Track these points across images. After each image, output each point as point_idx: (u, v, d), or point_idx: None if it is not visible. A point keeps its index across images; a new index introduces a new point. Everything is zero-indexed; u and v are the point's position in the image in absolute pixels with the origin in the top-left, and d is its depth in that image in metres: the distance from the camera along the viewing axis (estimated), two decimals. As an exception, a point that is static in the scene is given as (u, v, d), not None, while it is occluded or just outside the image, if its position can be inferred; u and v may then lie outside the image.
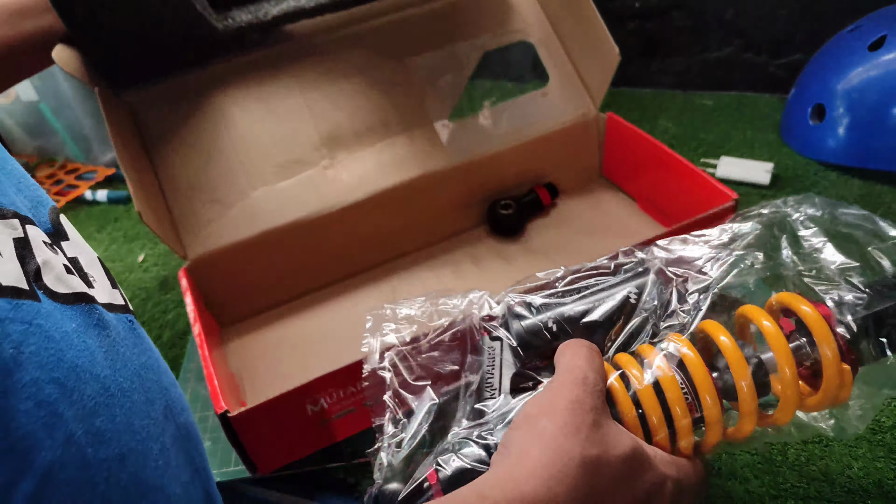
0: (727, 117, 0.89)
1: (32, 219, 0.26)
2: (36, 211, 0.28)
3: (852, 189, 0.71)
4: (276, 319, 0.61)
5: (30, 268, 0.24)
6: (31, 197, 0.28)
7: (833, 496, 0.42)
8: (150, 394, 0.28)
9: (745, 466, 0.44)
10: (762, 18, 0.91)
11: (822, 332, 0.33)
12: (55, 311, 0.24)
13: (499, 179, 0.67)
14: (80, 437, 0.22)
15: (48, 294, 0.24)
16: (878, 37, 0.71)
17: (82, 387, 0.23)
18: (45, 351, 0.22)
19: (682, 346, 0.34)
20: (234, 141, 0.58)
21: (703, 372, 0.33)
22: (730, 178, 0.75)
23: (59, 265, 0.26)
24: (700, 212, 0.56)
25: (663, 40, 0.98)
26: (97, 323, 0.26)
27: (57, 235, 0.28)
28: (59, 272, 0.25)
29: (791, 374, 0.33)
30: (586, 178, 0.73)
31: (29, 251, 0.24)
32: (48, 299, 0.24)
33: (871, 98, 0.70)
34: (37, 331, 0.22)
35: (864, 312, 0.34)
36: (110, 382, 0.25)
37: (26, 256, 0.24)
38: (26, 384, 0.21)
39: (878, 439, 0.45)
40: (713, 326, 0.35)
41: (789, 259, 0.39)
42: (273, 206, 0.57)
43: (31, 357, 0.21)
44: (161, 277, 0.68)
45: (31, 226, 0.26)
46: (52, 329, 0.23)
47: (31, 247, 0.25)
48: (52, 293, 0.24)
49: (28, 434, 0.20)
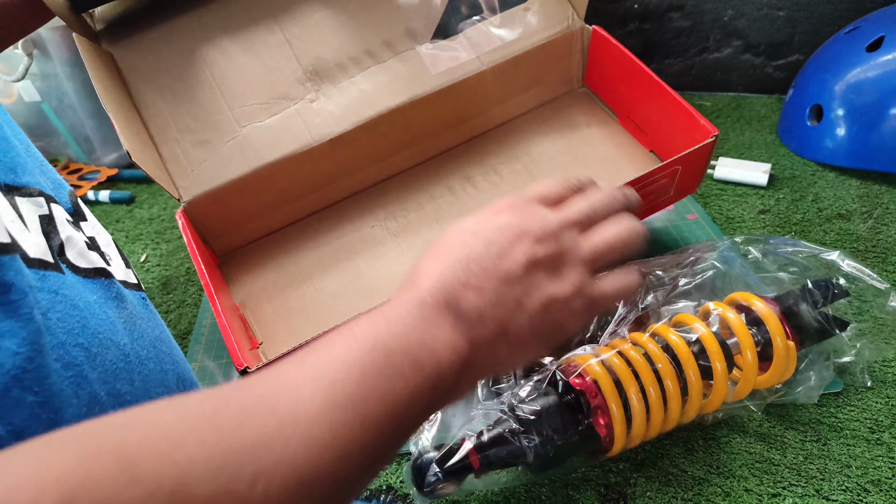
0: (725, 118, 0.90)
1: (55, 198, 0.28)
2: (58, 192, 0.29)
3: (850, 189, 0.72)
4: (273, 247, 0.62)
5: (54, 242, 0.25)
6: (53, 179, 0.30)
7: (831, 495, 0.42)
8: (164, 364, 0.30)
9: (743, 466, 0.45)
10: (760, 20, 0.91)
11: (772, 321, 0.44)
12: (78, 283, 0.25)
13: (484, 97, 0.67)
14: (103, 397, 0.24)
15: (71, 268, 0.25)
16: (876, 38, 0.71)
17: (104, 352, 0.25)
18: (71, 318, 0.24)
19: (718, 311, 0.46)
20: (218, 82, 0.59)
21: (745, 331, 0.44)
22: (728, 179, 0.76)
23: (81, 241, 0.27)
24: (678, 140, 0.57)
25: (662, 42, 0.98)
26: (116, 296, 0.28)
27: (76, 216, 0.30)
28: (80, 248, 0.27)
29: (753, 355, 0.44)
30: (568, 88, 0.72)
31: (53, 227, 0.26)
32: (71, 272, 0.25)
33: (869, 99, 0.71)
34: (63, 300, 0.23)
35: (802, 304, 0.46)
36: (129, 350, 0.26)
37: (51, 232, 0.25)
38: (54, 347, 0.22)
39: (876, 438, 0.46)
40: (691, 318, 0.45)
41: (740, 266, 0.51)
42: (263, 142, 0.58)
43: (59, 323, 0.23)
44: (163, 278, 0.69)
45: (55, 204, 0.27)
46: (77, 298, 0.24)
47: (56, 223, 0.26)
48: (75, 267, 0.26)
49: (59, 391, 0.22)
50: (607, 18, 1.00)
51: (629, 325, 0.46)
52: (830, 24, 0.88)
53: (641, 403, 0.41)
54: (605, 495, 0.44)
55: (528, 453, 0.40)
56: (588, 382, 0.41)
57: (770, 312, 0.44)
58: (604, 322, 0.47)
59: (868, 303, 0.55)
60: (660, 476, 0.44)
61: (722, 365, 0.43)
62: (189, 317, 0.63)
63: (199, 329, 0.61)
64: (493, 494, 0.44)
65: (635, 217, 0.34)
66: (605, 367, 0.42)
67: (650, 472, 0.45)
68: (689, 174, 0.57)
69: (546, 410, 0.41)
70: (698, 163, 0.56)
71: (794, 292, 0.47)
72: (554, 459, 0.41)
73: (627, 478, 0.45)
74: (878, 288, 0.48)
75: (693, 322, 0.44)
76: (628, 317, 0.46)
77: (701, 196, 0.74)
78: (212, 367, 0.57)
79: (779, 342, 0.43)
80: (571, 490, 0.44)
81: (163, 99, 0.58)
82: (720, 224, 0.69)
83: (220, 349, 0.59)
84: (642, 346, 0.44)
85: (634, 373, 0.42)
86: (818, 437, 0.46)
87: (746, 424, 0.47)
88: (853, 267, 0.49)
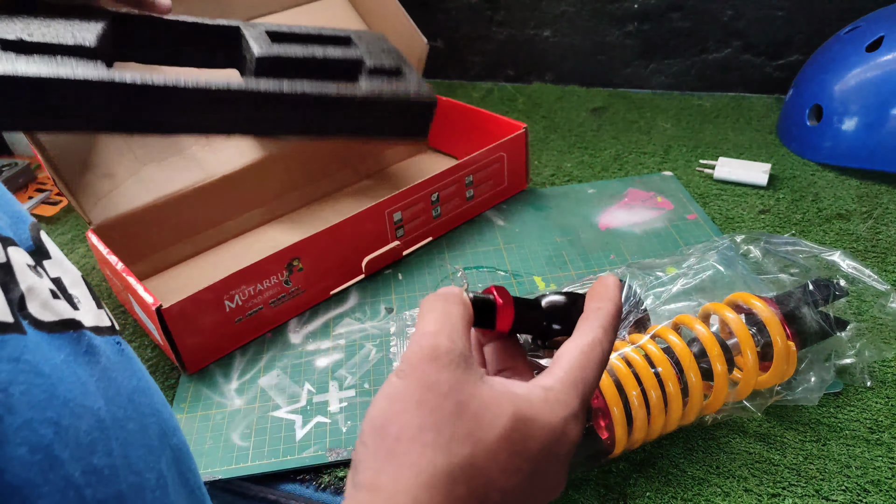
0: (725, 118, 0.90)
1: (13, 238, 0.25)
2: (17, 228, 0.26)
3: (850, 189, 0.72)
4: (182, 267, 0.70)
5: (14, 296, 0.22)
6: (11, 213, 0.26)
7: (831, 495, 0.42)
8: (145, 419, 0.27)
9: (743, 466, 0.45)
10: (760, 20, 0.91)
11: (773, 322, 0.44)
12: (42, 343, 0.22)
13: (333, 148, 0.79)
14: (78, 478, 0.21)
15: (34, 324, 0.22)
16: (876, 38, 0.71)
17: (77, 423, 0.22)
18: (36, 388, 0.21)
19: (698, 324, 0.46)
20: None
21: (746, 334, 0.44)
22: (728, 179, 0.76)
23: (45, 290, 0.24)
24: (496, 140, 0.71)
25: (661, 42, 0.98)
26: (86, 350, 0.24)
27: (39, 254, 0.27)
28: (44, 298, 0.24)
29: (753, 356, 0.44)
30: (416, 149, 0.87)
31: (12, 277, 0.23)
32: (34, 329, 0.22)
33: (869, 99, 0.71)
34: (25, 367, 0.21)
35: (802, 305, 0.46)
36: (104, 414, 0.24)
37: (9, 283, 0.22)
38: (19, 428, 0.19)
39: (876, 438, 0.46)
40: (691, 319, 0.45)
41: (741, 267, 0.51)
42: (162, 178, 0.67)
43: (22, 398, 0.20)
44: (162, 278, 0.69)
45: (14, 247, 0.24)
46: (41, 363, 0.21)
47: (14, 272, 0.23)
48: (38, 322, 0.23)
49: (25, 482, 0.19)
50: (607, 18, 1.00)
51: (629, 326, 0.46)
52: (830, 24, 0.88)
53: (643, 406, 0.41)
54: (605, 495, 0.44)
55: None
56: None
57: (770, 313, 0.44)
58: None
59: (868, 303, 0.55)
60: (660, 476, 0.45)
61: (722, 366, 0.43)
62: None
63: (199, 329, 0.61)
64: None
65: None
66: (605, 370, 0.42)
67: (650, 473, 0.45)
68: (516, 164, 0.73)
69: None
70: (518, 152, 0.72)
71: (794, 293, 0.47)
72: None
73: (627, 478, 0.45)
74: (878, 288, 0.48)
75: (693, 323, 0.44)
76: (628, 318, 0.46)
77: (700, 196, 0.74)
78: (211, 367, 0.57)
79: (779, 343, 0.43)
80: (571, 490, 0.44)
81: (66, 140, 0.64)
82: (720, 224, 0.69)
83: (220, 349, 0.59)
84: (642, 347, 0.44)
85: (635, 375, 0.42)
86: (818, 437, 0.46)
87: (746, 425, 0.47)
88: (853, 267, 0.49)
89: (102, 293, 0.67)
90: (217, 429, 0.51)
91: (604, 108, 0.96)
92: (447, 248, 0.69)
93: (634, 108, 0.95)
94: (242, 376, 0.56)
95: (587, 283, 0.51)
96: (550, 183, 0.79)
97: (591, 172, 0.80)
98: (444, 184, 0.66)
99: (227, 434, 0.50)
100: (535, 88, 1.05)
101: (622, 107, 0.96)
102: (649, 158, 0.82)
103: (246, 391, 0.54)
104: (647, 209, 0.72)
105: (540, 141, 0.89)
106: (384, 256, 0.65)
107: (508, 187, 0.74)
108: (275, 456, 0.48)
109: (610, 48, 1.02)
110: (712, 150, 0.82)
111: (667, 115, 0.92)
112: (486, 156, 0.69)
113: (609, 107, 0.97)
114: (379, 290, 0.64)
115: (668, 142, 0.85)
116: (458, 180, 0.68)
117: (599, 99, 0.99)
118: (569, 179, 0.80)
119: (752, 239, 0.53)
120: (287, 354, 0.57)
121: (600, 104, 0.98)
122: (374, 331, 0.59)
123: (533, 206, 0.74)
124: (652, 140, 0.86)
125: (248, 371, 0.56)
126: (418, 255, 0.68)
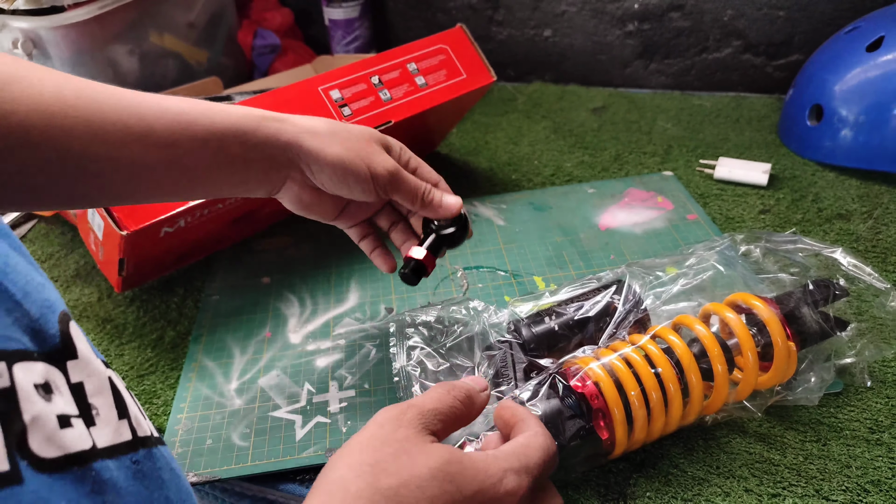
0: (725, 118, 0.90)
1: (31, 344, 0.23)
2: (44, 320, 0.24)
3: (850, 189, 0.72)
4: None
5: (14, 430, 0.20)
6: (40, 302, 0.24)
7: (831, 495, 0.42)
8: None
9: (743, 466, 0.45)
10: (760, 20, 0.91)
11: (773, 322, 0.44)
12: (41, 489, 0.20)
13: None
14: None
15: (34, 464, 0.20)
16: (876, 38, 0.71)
17: None
18: None
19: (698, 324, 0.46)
20: None
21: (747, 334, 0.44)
22: (728, 179, 0.76)
23: (52, 419, 0.22)
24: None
25: (662, 41, 0.98)
26: (92, 489, 0.22)
27: (64, 352, 0.24)
28: (50, 430, 0.22)
29: (753, 356, 0.44)
30: None
31: (15, 406, 0.21)
32: (33, 472, 0.20)
33: (870, 98, 0.71)
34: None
35: (802, 305, 0.46)
36: None
37: (9, 415, 0.20)
38: None
39: (876, 438, 0.46)
40: (691, 319, 0.45)
41: (741, 267, 0.51)
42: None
43: None
44: (166, 277, 0.69)
45: (23, 363, 0.22)
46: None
47: (18, 399, 0.21)
48: (39, 461, 0.21)
49: None
50: (607, 18, 1.00)
51: (629, 326, 0.46)
52: (830, 24, 0.88)
53: (643, 406, 0.41)
54: (605, 495, 0.44)
55: None
56: (589, 386, 0.41)
57: (771, 313, 0.44)
58: (603, 324, 0.47)
59: (868, 303, 0.55)
60: (660, 476, 0.44)
61: (723, 367, 0.43)
62: (189, 317, 0.63)
63: (199, 329, 0.61)
64: (493, 495, 0.44)
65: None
66: (606, 370, 0.42)
67: (650, 473, 0.45)
68: (467, 56, 0.72)
69: (547, 414, 0.41)
70: (463, 45, 0.72)
71: (794, 293, 0.47)
72: None
73: (627, 478, 0.45)
74: (878, 288, 0.48)
75: (693, 323, 0.44)
76: (628, 318, 0.46)
77: (701, 196, 0.74)
78: (211, 367, 0.57)
79: (779, 343, 0.43)
80: (571, 490, 0.44)
81: None
82: (720, 224, 0.69)
83: (220, 349, 0.59)
84: (643, 348, 0.44)
85: (635, 375, 0.42)
86: (818, 437, 0.46)
87: (746, 425, 0.47)
88: (853, 265, 0.49)
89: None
90: (217, 429, 0.51)
91: (604, 108, 0.96)
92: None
93: (634, 108, 0.95)
94: (242, 376, 0.56)
95: (587, 283, 0.51)
96: (550, 183, 0.79)
97: (591, 172, 0.80)
98: (382, 68, 0.67)
99: (226, 434, 0.50)
100: (535, 88, 1.05)
101: (622, 107, 0.96)
102: (649, 158, 0.82)
103: (246, 391, 0.54)
104: (648, 209, 0.72)
105: (540, 141, 0.89)
106: None
107: (470, 79, 0.73)
108: (274, 456, 0.48)
109: (610, 48, 1.02)
110: (712, 150, 0.82)
111: (667, 115, 0.92)
112: (420, 46, 0.70)
113: (609, 107, 0.97)
114: (379, 290, 0.64)
115: (668, 142, 0.85)
116: (399, 66, 0.68)
117: (599, 99, 0.99)
118: (569, 179, 0.80)
119: (752, 238, 0.53)
120: (287, 354, 0.57)
121: (600, 104, 0.98)
122: (374, 331, 0.59)
123: (533, 206, 0.74)
124: (652, 140, 0.86)
125: (248, 371, 0.56)
126: (418, 255, 0.68)
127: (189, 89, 0.88)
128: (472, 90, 0.72)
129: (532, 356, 0.46)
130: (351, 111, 0.65)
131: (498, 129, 0.93)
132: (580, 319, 0.47)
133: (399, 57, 0.68)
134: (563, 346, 0.47)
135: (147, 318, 0.63)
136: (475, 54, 0.73)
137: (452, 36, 0.72)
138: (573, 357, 0.45)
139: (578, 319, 0.47)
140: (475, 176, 0.82)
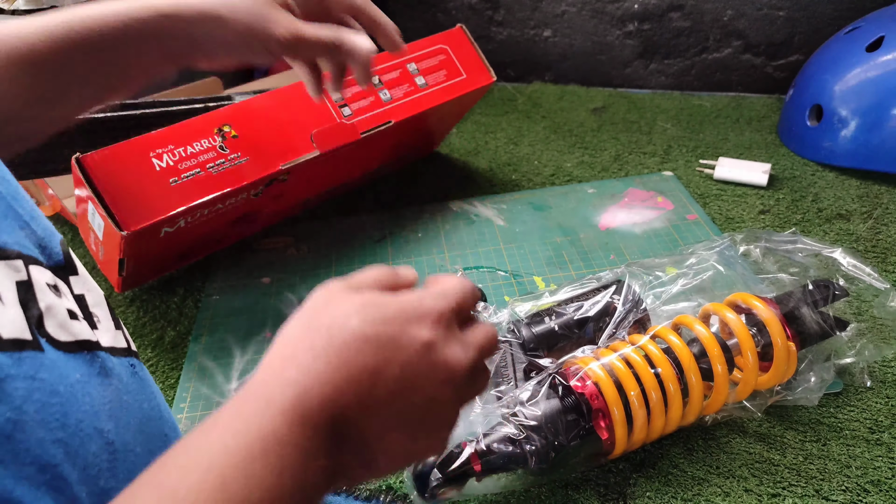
0: (725, 118, 0.90)
1: (39, 256, 0.25)
2: (49, 242, 0.27)
3: (850, 189, 0.72)
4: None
5: (33, 314, 0.23)
6: (44, 228, 0.27)
7: (831, 495, 0.42)
8: (152, 444, 0.27)
9: (743, 466, 0.45)
10: (760, 20, 0.91)
11: (773, 322, 0.44)
12: (59, 361, 0.23)
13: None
14: (84, 499, 0.21)
15: (51, 342, 0.23)
16: (876, 38, 0.71)
17: (86, 445, 0.22)
18: (50, 408, 0.21)
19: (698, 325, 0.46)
20: None
21: (747, 334, 0.44)
22: (728, 179, 0.75)
23: (63, 310, 0.25)
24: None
25: (662, 42, 0.98)
26: (100, 371, 0.25)
27: (67, 268, 0.27)
28: (62, 319, 0.24)
29: (753, 356, 0.44)
30: None
31: (32, 296, 0.23)
32: (51, 348, 0.23)
33: (869, 99, 0.71)
34: (41, 386, 0.21)
35: (802, 305, 0.46)
36: (113, 437, 0.24)
37: (29, 302, 0.23)
38: (29, 447, 0.20)
39: (876, 438, 0.46)
40: (691, 319, 0.45)
41: (741, 267, 0.51)
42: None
43: (36, 416, 0.20)
44: (166, 277, 0.69)
45: (36, 266, 0.24)
46: (57, 382, 0.22)
47: (35, 291, 0.23)
48: (55, 341, 0.23)
49: (32, 500, 0.19)
50: (607, 18, 1.00)
51: (629, 326, 0.46)
52: (830, 24, 0.88)
53: (643, 406, 0.41)
54: (604, 495, 0.44)
55: (530, 458, 0.40)
56: (589, 386, 0.41)
57: (770, 314, 0.44)
58: (603, 324, 0.47)
59: (868, 303, 0.55)
60: (660, 476, 0.44)
61: (723, 367, 0.43)
62: (189, 316, 0.63)
63: (199, 329, 0.61)
64: (492, 495, 0.44)
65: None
66: (606, 370, 0.42)
67: (650, 473, 0.45)
68: (467, 57, 0.73)
69: (547, 414, 0.41)
70: (463, 46, 0.72)
71: (794, 293, 0.47)
72: (555, 463, 0.41)
73: (627, 478, 0.45)
74: (878, 288, 0.48)
75: (693, 324, 0.44)
76: (628, 318, 0.46)
77: (701, 196, 0.74)
78: (211, 367, 0.57)
79: (779, 343, 0.43)
80: (571, 490, 0.44)
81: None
82: (720, 224, 0.69)
83: (220, 349, 0.59)
84: (643, 348, 0.44)
85: (635, 375, 0.42)
86: (818, 437, 0.46)
87: (746, 425, 0.47)
88: (853, 265, 0.49)
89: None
90: (217, 429, 0.51)
91: (604, 108, 0.97)
92: (447, 247, 0.69)
93: (634, 108, 0.95)
94: (242, 376, 0.56)
95: (587, 283, 0.51)
96: (550, 183, 0.79)
97: (592, 172, 0.80)
98: (382, 68, 0.67)
99: (227, 434, 0.50)
100: (535, 88, 1.05)
101: (622, 107, 0.96)
102: (649, 158, 0.82)
103: (246, 391, 0.54)
104: (647, 209, 0.72)
105: (540, 141, 0.89)
106: (335, 133, 0.63)
107: (470, 79, 0.73)
108: (275, 456, 0.48)
109: (610, 48, 1.02)
110: (712, 150, 0.82)
111: (667, 115, 0.92)
112: (420, 47, 0.70)
113: (609, 107, 0.97)
114: (379, 290, 0.64)
115: (668, 142, 0.85)
116: (399, 66, 0.68)
117: (599, 99, 0.99)
118: (569, 179, 0.80)
119: (751, 238, 0.53)
120: (287, 354, 0.57)
121: (600, 104, 0.98)
122: (374, 331, 0.59)
123: (533, 206, 0.74)
124: (652, 140, 0.86)
125: (248, 371, 0.56)
126: (418, 254, 0.68)
127: (189, 89, 0.88)
128: (472, 90, 0.72)
129: (532, 356, 0.46)
130: (351, 111, 0.65)
131: (498, 130, 0.93)
132: (580, 319, 0.47)
133: (399, 57, 0.68)
134: (562, 346, 0.47)
135: (147, 318, 0.63)
136: (475, 54, 0.73)
137: (452, 36, 0.72)
138: (573, 357, 0.45)
139: (578, 319, 0.47)
140: (475, 176, 0.83)
